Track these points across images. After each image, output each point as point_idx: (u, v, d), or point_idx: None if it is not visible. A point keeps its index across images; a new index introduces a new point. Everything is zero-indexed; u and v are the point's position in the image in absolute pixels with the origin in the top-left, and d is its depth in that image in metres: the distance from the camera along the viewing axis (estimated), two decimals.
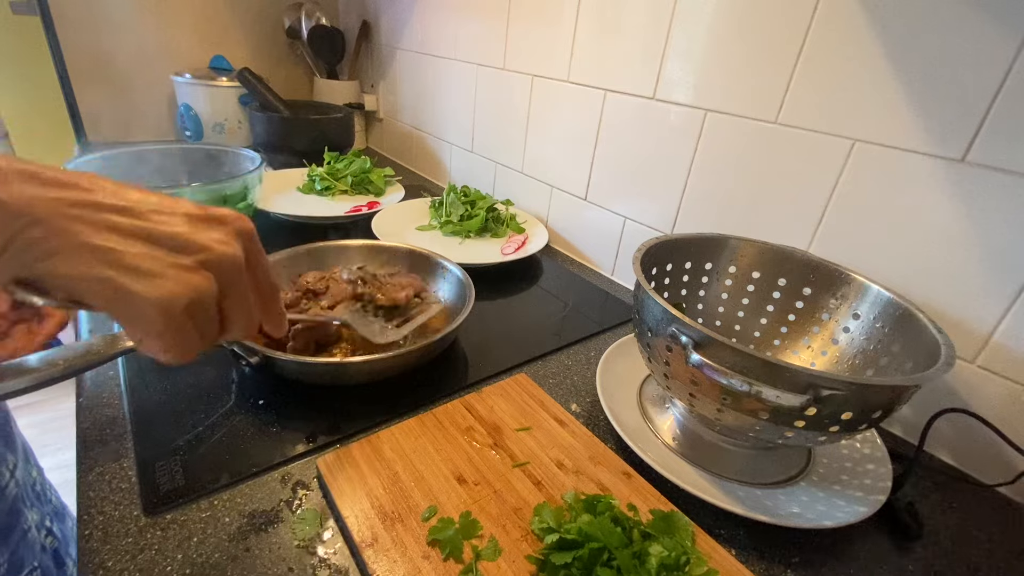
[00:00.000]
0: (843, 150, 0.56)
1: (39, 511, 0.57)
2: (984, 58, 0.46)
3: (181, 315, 0.24)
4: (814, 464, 0.50)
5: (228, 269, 0.26)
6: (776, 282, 0.57)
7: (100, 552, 0.36)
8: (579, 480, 0.43)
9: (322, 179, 1.07)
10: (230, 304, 0.27)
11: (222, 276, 0.26)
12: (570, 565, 0.34)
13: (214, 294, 0.25)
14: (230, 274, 0.26)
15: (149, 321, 0.24)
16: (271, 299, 0.31)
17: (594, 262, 0.91)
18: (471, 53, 1.05)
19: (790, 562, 0.42)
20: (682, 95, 0.70)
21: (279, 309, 0.32)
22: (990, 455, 0.51)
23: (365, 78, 1.50)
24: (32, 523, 0.55)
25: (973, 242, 0.49)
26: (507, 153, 1.04)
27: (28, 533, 0.53)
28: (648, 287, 0.44)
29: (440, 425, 0.47)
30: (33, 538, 0.54)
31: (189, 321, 0.25)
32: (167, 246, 0.24)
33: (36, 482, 0.60)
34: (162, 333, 0.24)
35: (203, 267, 0.25)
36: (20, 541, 0.52)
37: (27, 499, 0.55)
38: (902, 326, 0.47)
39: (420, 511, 0.39)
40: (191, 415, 0.49)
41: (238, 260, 0.26)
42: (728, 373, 0.38)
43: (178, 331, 0.25)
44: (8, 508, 0.51)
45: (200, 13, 1.32)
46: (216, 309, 0.26)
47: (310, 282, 0.63)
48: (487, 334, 0.67)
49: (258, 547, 0.38)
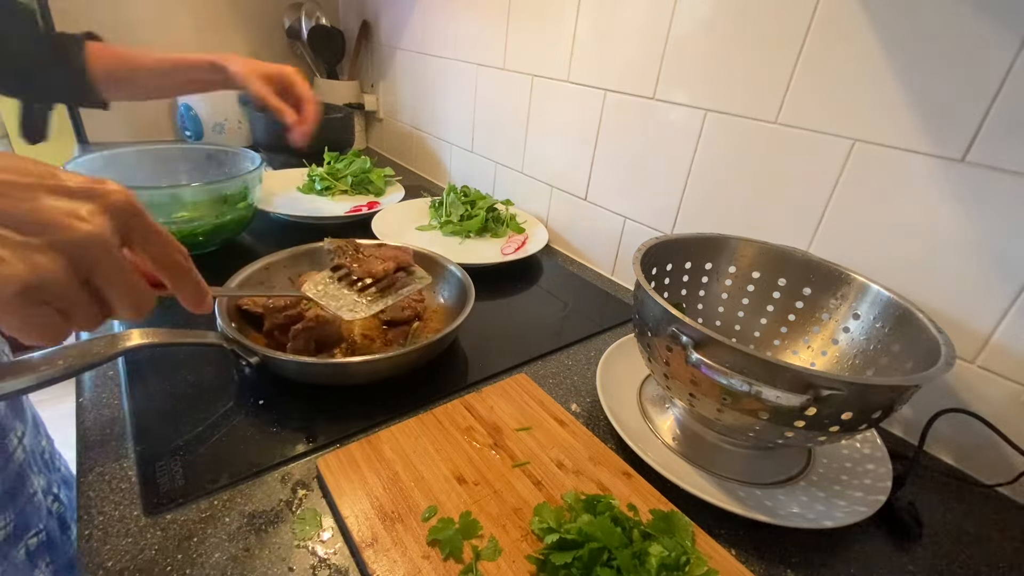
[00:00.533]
0: (843, 150, 0.56)
1: (46, 477, 0.60)
2: (984, 58, 0.46)
3: (16, 298, 0.23)
4: (814, 464, 0.50)
5: (85, 247, 0.24)
6: (776, 282, 0.57)
7: (100, 552, 0.36)
8: (579, 480, 0.43)
9: (322, 179, 1.07)
10: (102, 283, 0.26)
11: (79, 255, 0.24)
12: (570, 565, 0.34)
13: (63, 275, 0.24)
14: (90, 252, 0.24)
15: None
16: (177, 273, 0.30)
17: (594, 262, 0.91)
18: (471, 53, 1.05)
19: (790, 562, 0.42)
20: (682, 95, 0.70)
21: (192, 283, 0.31)
22: (990, 455, 0.51)
23: (365, 78, 1.50)
24: (39, 488, 0.57)
25: (973, 242, 0.49)
26: (507, 153, 1.04)
27: (34, 497, 0.55)
28: (648, 287, 0.44)
29: (440, 425, 0.47)
30: (39, 502, 0.56)
31: (34, 305, 0.23)
32: (16, 226, 0.23)
33: (45, 450, 0.63)
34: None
35: (52, 247, 0.23)
36: (27, 504, 0.54)
37: (35, 465, 0.57)
38: (902, 326, 0.47)
39: (420, 511, 0.39)
40: (191, 415, 0.49)
41: (96, 236, 0.24)
42: (728, 373, 0.38)
43: (19, 314, 0.23)
44: (15, 472, 0.53)
45: (200, 13, 1.32)
46: (78, 290, 0.25)
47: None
48: (487, 334, 0.67)
49: (258, 547, 0.38)
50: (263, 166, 0.83)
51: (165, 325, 0.63)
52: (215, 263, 0.78)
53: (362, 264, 0.55)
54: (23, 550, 0.52)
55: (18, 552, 0.52)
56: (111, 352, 0.44)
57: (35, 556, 0.54)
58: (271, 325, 0.57)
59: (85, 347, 0.43)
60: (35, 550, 0.54)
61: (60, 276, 0.24)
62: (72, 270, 0.24)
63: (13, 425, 0.54)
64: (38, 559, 0.55)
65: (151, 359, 0.55)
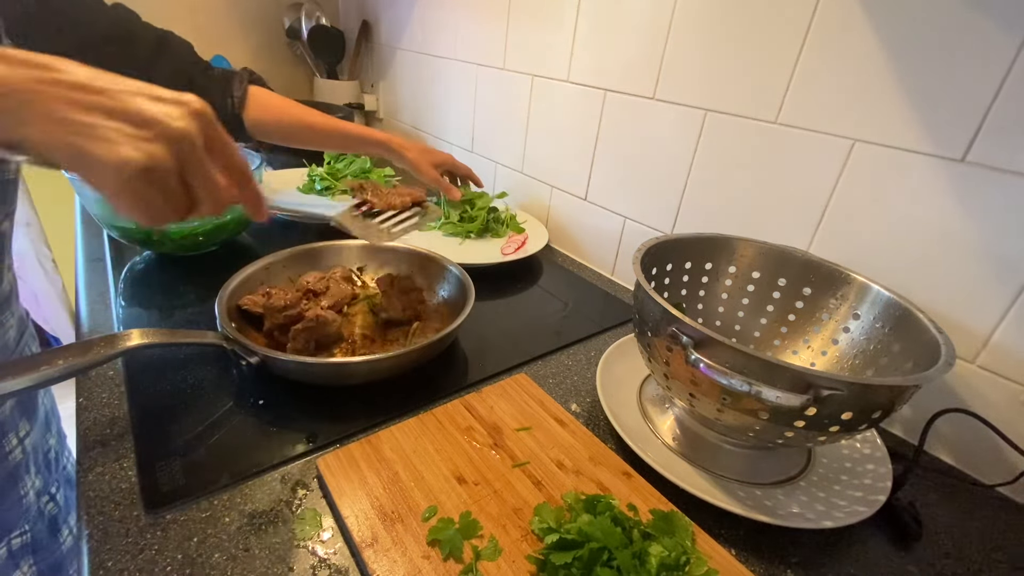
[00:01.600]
0: (843, 150, 0.56)
1: (44, 478, 0.60)
2: (984, 58, 0.46)
3: (136, 178, 0.27)
4: (814, 464, 0.50)
5: (182, 142, 0.29)
6: (776, 282, 0.57)
7: (100, 552, 0.36)
8: (579, 480, 0.43)
9: (322, 179, 1.07)
10: (191, 177, 0.30)
11: (178, 149, 0.29)
12: (570, 565, 0.34)
13: (170, 163, 0.28)
14: (186, 148, 0.29)
15: (108, 181, 0.27)
16: (244, 179, 0.34)
17: (594, 262, 0.91)
18: (471, 53, 1.05)
19: (790, 562, 0.42)
20: (682, 95, 0.70)
21: (254, 190, 0.35)
22: (990, 455, 0.51)
23: (365, 78, 1.50)
24: (32, 489, 0.57)
25: (973, 242, 0.49)
26: (507, 153, 1.04)
27: (24, 499, 0.56)
28: (648, 287, 0.44)
29: (440, 425, 0.47)
30: (29, 504, 0.56)
31: (147, 186, 0.28)
32: (128, 120, 0.27)
33: (51, 449, 0.63)
34: (120, 192, 0.28)
35: (158, 139, 0.28)
36: (15, 505, 0.54)
37: (33, 466, 0.58)
38: (902, 326, 0.47)
39: (420, 511, 0.39)
40: (191, 415, 0.49)
41: (190, 134, 0.29)
42: (728, 373, 0.38)
43: (136, 193, 0.28)
44: (7, 474, 0.53)
45: (200, 13, 1.32)
46: (177, 180, 0.30)
47: (310, 282, 0.63)
48: (487, 334, 0.67)
49: (258, 547, 0.38)
50: (263, 166, 0.83)
51: (165, 325, 0.63)
52: (215, 263, 0.78)
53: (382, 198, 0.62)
54: (4, 550, 0.52)
55: None
56: (111, 352, 0.44)
57: (17, 556, 0.54)
58: (271, 325, 0.57)
59: (85, 347, 0.43)
60: (17, 550, 0.54)
61: (167, 163, 0.28)
62: (174, 159, 0.29)
63: (16, 425, 0.54)
64: (20, 560, 0.55)
65: (151, 359, 0.55)
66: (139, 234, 0.72)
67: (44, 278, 1.72)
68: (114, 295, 0.68)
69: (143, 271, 0.75)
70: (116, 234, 0.74)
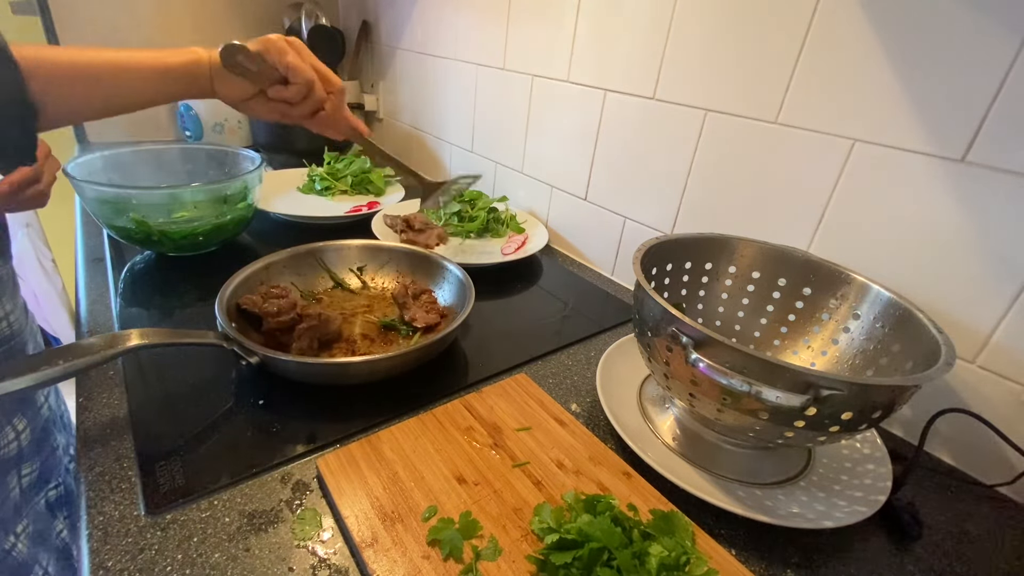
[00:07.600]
0: (843, 150, 0.56)
1: (65, 437, 0.65)
2: (984, 58, 0.46)
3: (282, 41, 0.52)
4: (814, 464, 0.50)
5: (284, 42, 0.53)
6: (776, 282, 0.57)
7: (100, 552, 0.36)
8: (579, 480, 0.43)
9: (322, 179, 1.07)
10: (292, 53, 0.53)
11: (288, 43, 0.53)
12: (570, 565, 0.34)
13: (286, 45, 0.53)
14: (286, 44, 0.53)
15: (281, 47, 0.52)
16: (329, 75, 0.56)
17: (594, 262, 0.91)
18: (471, 53, 1.05)
19: (790, 562, 0.42)
20: (682, 95, 0.70)
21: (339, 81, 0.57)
22: (990, 455, 0.51)
23: (365, 78, 1.50)
24: (60, 445, 0.62)
25: (973, 242, 0.49)
26: (507, 153, 1.04)
27: (56, 451, 0.61)
28: (648, 287, 0.44)
29: (440, 425, 0.47)
30: (59, 458, 0.61)
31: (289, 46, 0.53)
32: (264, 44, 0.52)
33: (64, 414, 0.68)
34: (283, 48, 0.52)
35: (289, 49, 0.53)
36: (49, 456, 0.59)
37: (57, 423, 0.63)
38: (902, 326, 0.47)
39: (420, 511, 0.39)
40: (191, 415, 0.49)
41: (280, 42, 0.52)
42: (728, 373, 0.38)
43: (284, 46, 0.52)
44: (42, 425, 0.58)
45: (200, 13, 1.32)
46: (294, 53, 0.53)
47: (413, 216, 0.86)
48: (487, 334, 0.67)
49: (258, 547, 0.38)
50: (263, 166, 0.83)
51: (165, 325, 0.63)
52: (215, 263, 0.78)
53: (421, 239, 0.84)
54: (43, 500, 0.56)
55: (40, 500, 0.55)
56: (111, 352, 0.44)
57: (55, 507, 0.58)
58: (270, 325, 0.57)
59: (85, 347, 0.43)
60: (54, 502, 0.58)
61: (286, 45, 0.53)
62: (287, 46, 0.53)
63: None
64: (57, 511, 0.58)
65: (151, 359, 0.55)
66: (139, 234, 0.72)
67: (44, 278, 1.71)
68: (114, 295, 0.68)
69: (143, 271, 0.75)
70: (116, 234, 0.74)
